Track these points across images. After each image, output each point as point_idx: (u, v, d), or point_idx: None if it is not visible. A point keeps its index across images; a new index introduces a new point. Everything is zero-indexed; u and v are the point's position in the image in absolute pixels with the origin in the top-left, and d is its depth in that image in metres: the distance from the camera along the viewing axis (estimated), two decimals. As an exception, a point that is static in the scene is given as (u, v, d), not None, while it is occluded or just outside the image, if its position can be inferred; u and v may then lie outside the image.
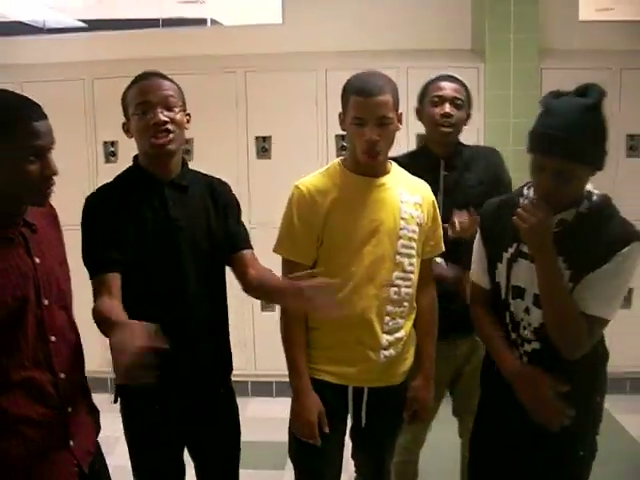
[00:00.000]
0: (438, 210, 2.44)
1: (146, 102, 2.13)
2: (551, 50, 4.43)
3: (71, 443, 1.88)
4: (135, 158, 2.26)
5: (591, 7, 5.54)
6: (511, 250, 2.09)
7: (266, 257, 2.36)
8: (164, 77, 2.22)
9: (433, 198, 2.42)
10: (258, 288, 2.23)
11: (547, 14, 4.43)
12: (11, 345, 1.75)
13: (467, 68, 4.28)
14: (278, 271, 2.32)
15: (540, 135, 1.96)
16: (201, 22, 6.31)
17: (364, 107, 2.20)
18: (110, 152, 4.45)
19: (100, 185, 2.24)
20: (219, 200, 2.29)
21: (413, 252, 2.33)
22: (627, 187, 4.32)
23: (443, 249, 2.46)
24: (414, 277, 2.36)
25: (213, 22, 6.47)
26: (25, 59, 4.65)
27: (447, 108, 2.66)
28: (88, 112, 4.49)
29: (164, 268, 2.16)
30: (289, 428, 2.40)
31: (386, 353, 2.32)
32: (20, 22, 6.39)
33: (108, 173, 2.27)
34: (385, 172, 2.35)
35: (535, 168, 1.97)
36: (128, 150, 2.15)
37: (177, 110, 2.16)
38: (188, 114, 2.24)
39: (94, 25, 6.40)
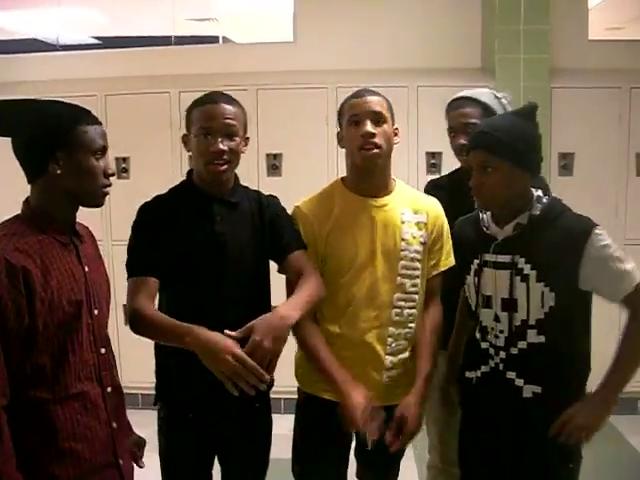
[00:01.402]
0: (447, 227, 2.39)
1: (209, 128, 2.15)
2: (561, 69, 4.43)
3: (121, 462, 1.88)
4: (189, 173, 2.30)
5: (601, 26, 5.57)
6: (477, 261, 2.17)
7: (273, 273, 2.38)
8: (230, 101, 2.23)
9: (441, 214, 2.38)
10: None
11: (557, 33, 4.44)
12: (68, 356, 1.76)
13: (477, 87, 4.30)
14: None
15: (470, 138, 2.16)
16: (213, 40, 6.36)
17: (358, 105, 2.26)
18: (122, 168, 4.47)
19: (154, 196, 2.27)
20: (266, 215, 2.30)
21: (416, 273, 2.31)
22: (637, 206, 4.33)
23: (445, 267, 2.38)
24: (418, 298, 2.33)
25: (225, 40, 6.51)
26: (38, 75, 4.69)
27: (461, 139, 2.59)
28: (100, 128, 4.51)
29: (206, 282, 2.18)
30: (293, 446, 2.41)
31: (389, 374, 2.30)
32: (34, 39, 6.46)
33: (120, 189, 2.29)
34: (387, 192, 2.33)
35: (472, 171, 2.12)
36: (140, 166, 2.17)
37: (238, 140, 2.19)
38: (247, 138, 2.27)
39: (107, 42, 6.46)
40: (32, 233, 1.74)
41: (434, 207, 2.39)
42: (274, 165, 4.51)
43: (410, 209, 2.32)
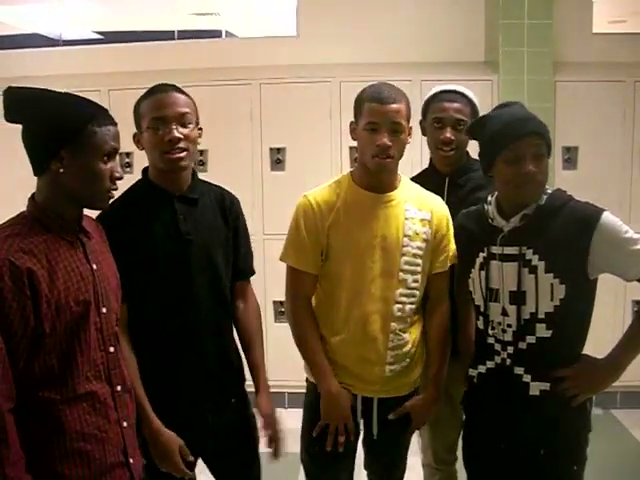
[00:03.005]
0: (452, 228, 2.38)
1: (161, 117, 2.12)
2: (565, 63, 4.42)
3: (131, 461, 1.86)
4: (144, 171, 2.26)
5: (604, 19, 5.56)
6: (483, 254, 2.14)
7: (278, 266, 2.42)
8: (180, 91, 2.20)
9: (446, 214, 2.37)
10: (239, 330, 2.36)
11: (560, 27, 4.43)
12: (76, 356, 1.73)
13: (481, 80, 4.29)
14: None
15: (507, 125, 2.05)
16: (216, 34, 6.37)
17: (379, 113, 2.21)
18: (125, 163, 4.48)
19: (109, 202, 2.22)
20: (229, 215, 2.30)
21: (418, 269, 2.30)
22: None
23: (449, 264, 2.37)
24: (419, 293, 2.33)
25: (228, 34, 6.53)
26: (42, 71, 4.68)
27: (448, 133, 2.56)
28: (104, 123, 4.51)
29: (174, 282, 2.16)
30: (301, 436, 2.44)
31: (391, 367, 2.31)
32: (37, 34, 6.47)
33: (124, 184, 2.28)
34: (393, 187, 2.33)
35: (509, 163, 2.03)
36: (144, 161, 2.14)
37: (192, 127, 2.16)
38: (200, 128, 2.23)
39: (110, 37, 6.48)
40: (38, 232, 1.70)
41: (439, 206, 2.39)
42: (278, 159, 4.50)
43: (414, 205, 2.32)
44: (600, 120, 4.37)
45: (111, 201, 2.12)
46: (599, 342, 2.15)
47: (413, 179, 2.54)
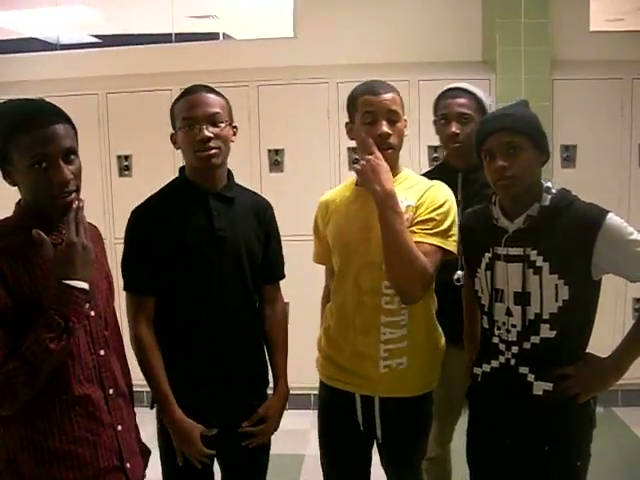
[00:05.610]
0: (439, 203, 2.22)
1: (192, 117, 2.17)
2: (562, 61, 4.43)
3: (127, 465, 1.83)
4: (182, 169, 2.31)
5: (601, 18, 5.55)
6: (488, 254, 2.14)
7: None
8: (212, 91, 2.24)
9: (433, 194, 2.23)
10: (264, 334, 2.38)
11: (558, 25, 4.44)
12: (66, 360, 1.70)
13: (478, 80, 4.29)
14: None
15: (484, 125, 2.11)
16: (213, 37, 6.36)
17: (374, 103, 2.22)
18: (124, 166, 4.46)
19: (147, 197, 2.28)
20: (262, 219, 2.35)
21: None
22: (639, 197, 4.32)
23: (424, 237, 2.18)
24: None
25: (225, 36, 6.52)
26: (39, 75, 4.69)
27: (453, 127, 2.65)
28: (102, 126, 4.52)
29: (204, 277, 2.20)
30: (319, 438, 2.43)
31: (385, 363, 2.24)
32: (34, 38, 6.46)
33: (122, 187, 2.29)
34: None
35: (487, 159, 2.08)
36: (142, 164, 2.16)
37: (223, 126, 2.20)
38: (235, 127, 2.27)
39: (107, 41, 6.47)
40: (21, 232, 1.68)
41: (432, 193, 2.25)
42: (276, 161, 4.50)
43: (402, 195, 2.21)
44: (598, 118, 4.37)
45: (147, 197, 2.25)
46: (598, 338, 2.14)
47: (425, 174, 2.54)
